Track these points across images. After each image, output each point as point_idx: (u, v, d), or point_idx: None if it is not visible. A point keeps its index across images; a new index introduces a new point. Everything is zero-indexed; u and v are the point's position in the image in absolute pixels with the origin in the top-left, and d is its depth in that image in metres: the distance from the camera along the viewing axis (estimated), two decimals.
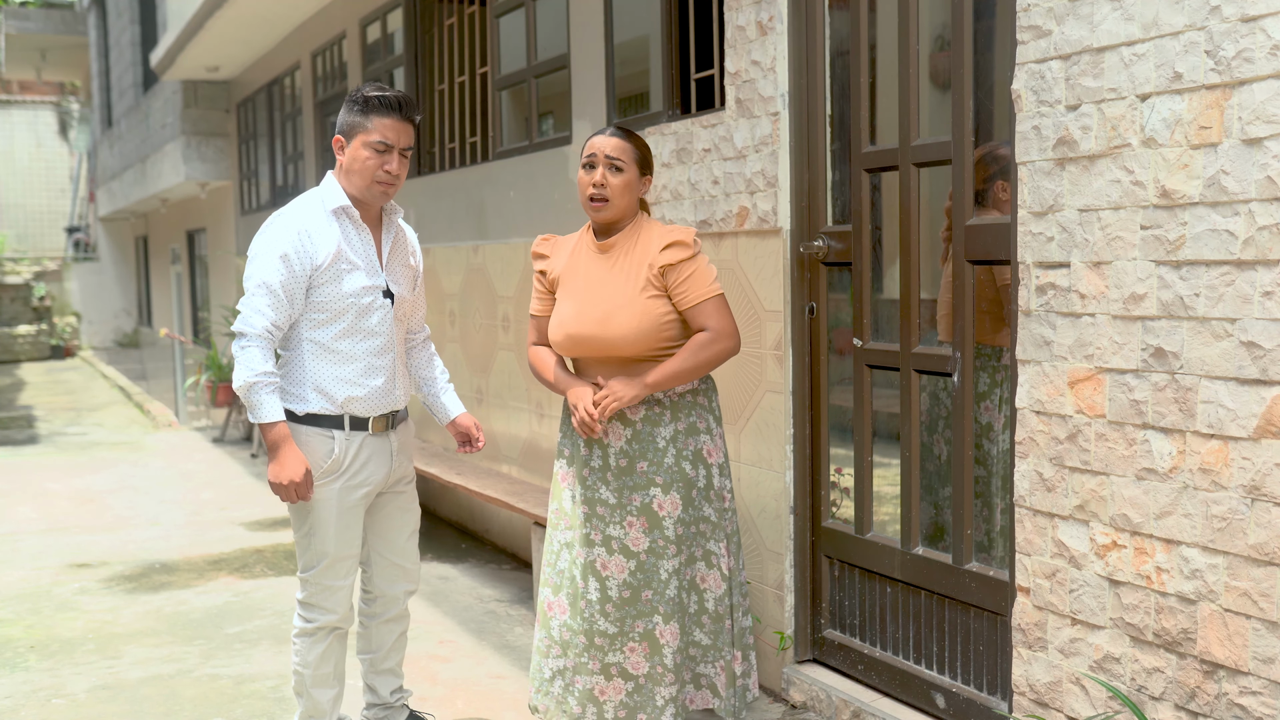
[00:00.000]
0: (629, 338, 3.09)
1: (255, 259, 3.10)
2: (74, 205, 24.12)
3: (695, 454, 3.17)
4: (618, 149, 3.14)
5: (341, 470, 3.16)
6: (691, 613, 3.21)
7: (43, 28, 20.30)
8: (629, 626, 3.14)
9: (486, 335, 5.97)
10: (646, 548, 3.13)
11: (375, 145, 3.09)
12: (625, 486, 3.15)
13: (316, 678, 3.27)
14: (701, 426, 3.19)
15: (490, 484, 5.44)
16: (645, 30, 4.87)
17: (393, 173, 3.13)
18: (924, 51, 3.38)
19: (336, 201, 3.14)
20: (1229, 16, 2.33)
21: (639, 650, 3.15)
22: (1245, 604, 2.39)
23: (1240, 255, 2.35)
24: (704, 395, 3.22)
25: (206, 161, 12.33)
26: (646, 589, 3.14)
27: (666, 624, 3.12)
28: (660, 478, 3.13)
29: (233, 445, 9.91)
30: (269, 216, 3.20)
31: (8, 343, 20.13)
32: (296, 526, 3.23)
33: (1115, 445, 2.63)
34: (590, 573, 3.17)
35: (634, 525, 3.14)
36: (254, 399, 3.04)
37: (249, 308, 3.06)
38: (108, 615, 5.05)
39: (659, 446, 3.14)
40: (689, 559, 3.18)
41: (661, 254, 3.09)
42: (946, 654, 3.32)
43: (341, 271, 3.11)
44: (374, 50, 7.78)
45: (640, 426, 3.15)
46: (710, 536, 3.20)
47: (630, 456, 3.15)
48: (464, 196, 6.24)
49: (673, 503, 3.13)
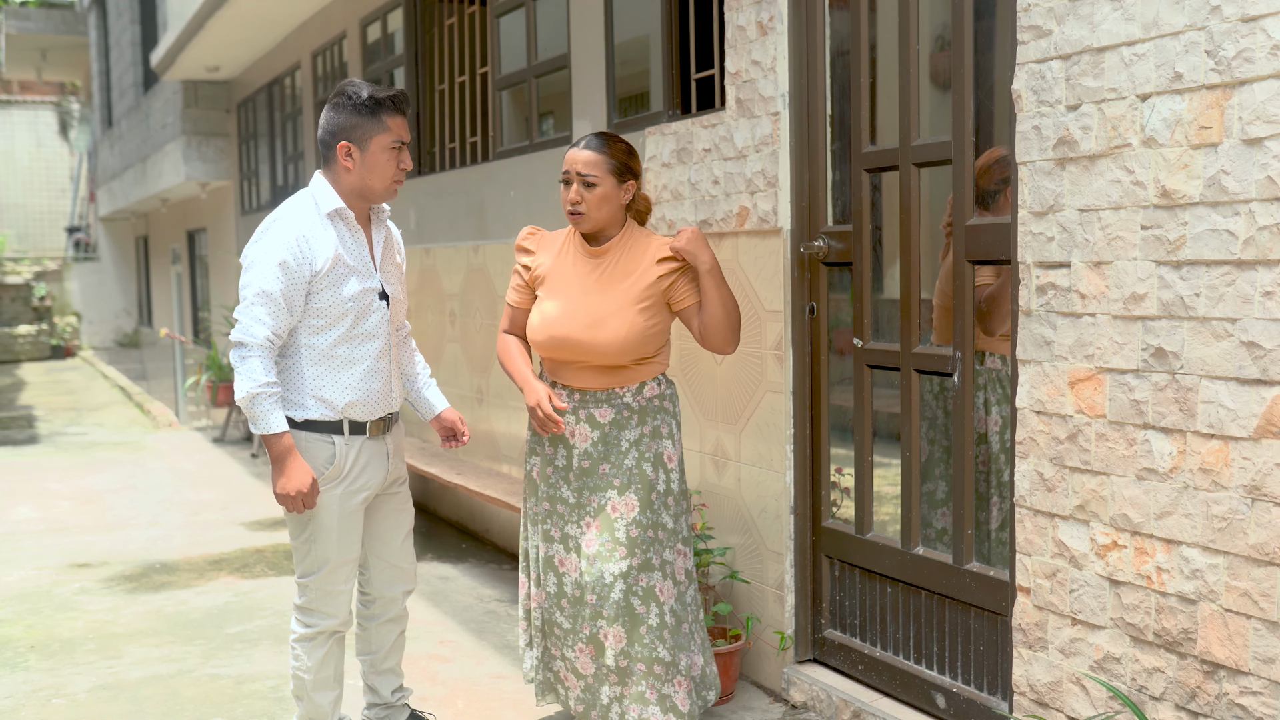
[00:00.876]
0: (615, 345, 3.13)
1: (253, 267, 3.05)
2: (74, 205, 24.11)
3: (656, 457, 3.21)
4: (589, 164, 3.15)
5: (342, 476, 3.15)
6: (653, 625, 3.14)
7: (43, 28, 20.29)
8: (579, 626, 3.19)
9: (487, 335, 5.97)
10: (595, 551, 3.16)
11: (393, 145, 3.11)
12: (585, 488, 3.21)
13: (317, 681, 3.27)
14: (665, 431, 3.24)
15: (490, 484, 5.44)
16: (645, 30, 4.86)
17: (409, 168, 3.17)
18: (924, 51, 3.38)
19: (331, 204, 3.11)
20: (1229, 16, 2.33)
21: (586, 652, 3.20)
22: (1246, 604, 2.39)
23: (1241, 255, 2.35)
24: (669, 400, 3.28)
25: (207, 161, 12.33)
26: (591, 592, 3.15)
27: (610, 626, 3.14)
28: (618, 479, 3.17)
29: (233, 445, 9.91)
30: (263, 221, 3.16)
31: (8, 343, 20.13)
32: (295, 533, 3.21)
33: (1116, 445, 2.63)
34: (549, 567, 3.27)
35: (590, 526, 3.18)
36: (257, 410, 3.01)
37: (248, 317, 3.02)
38: (108, 615, 5.04)
39: (621, 449, 3.20)
40: (645, 564, 3.15)
41: (657, 266, 3.17)
42: (947, 654, 3.32)
43: (340, 276, 3.09)
44: (374, 50, 7.78)
45: (609, 430, 3.21)
46: (666, 544, 3.20)
47: (594, 459, 3.21)
48: (464, 196, 6.24)
49: (628, 504, 3.15)
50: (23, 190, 24.10)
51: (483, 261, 6.00)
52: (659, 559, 3.18)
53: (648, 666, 3.13)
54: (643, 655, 3.13)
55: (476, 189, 6.09)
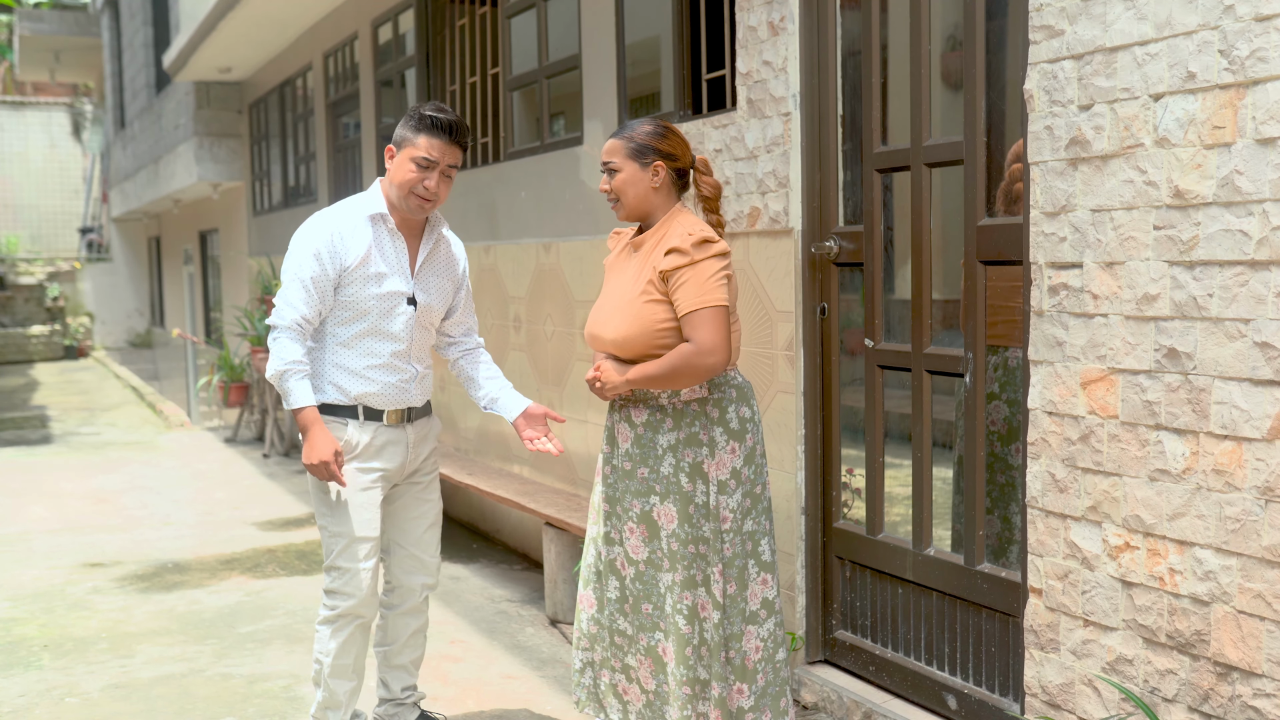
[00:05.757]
0: (618, 341, 3.01)
1: (291, 254, 3.26)
2: (87, 206, 24.20)
3: (694, 467, 2.98)
4: (609, 151, 3.09)
5: (354, 453, 3.28)
6: (695, 645, 3.00)
7: (56, 29, 20.37)
8: (637, 636, 3.11)
9: (498, 336, 5.98)
10: (645, 558, 3.07)
11: (419, 160, 3.21)
12: (628, 491, 3.08)
13: (335, 668, 3.31)
14: (704, 439, 2.99)
15: (502, 484, 5.45)
16: (657, 30, 4.87)
17: (431, 189, 3.23)
18: (936, 51, 3.37)
19: (374, 208, 3.29)
20: (1243, 16, 2.32)
21: (645, 665, 3.10)
22: (1259, 605, 2.38)
23: (1254, 255, 2.34)
24: (714, 405, 3.00)
25: (219, 162, 12.36)
26: (646, 601, 3.07)
27: (669, 641, 3.03)
28: (659, 486, 3.03)
29: (245, 445, 9.94)
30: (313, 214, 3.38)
31: (22, 343, 20.22)
32: (319, 513, 3.34)
33: (1128, 446, 2.62)
34: (611, 571, 3.15)
35: (634, 532, 3.08)
36: (285, 385, 3.20)
37: (282, 300, 3.23)
38: (121, 614, 5.06)
39: (657, 454, 3.03)
40: (688, 581, 2.99)
41: (663, 259, 2.94)
42: (958, 655, 3.31)
43: (369, 275, 3.25)
44: (386, 51, 7.79)
45: (642, 431, 3.06)
46: (710, 561, 2.98)
47: (634, 460, 3.08)
48: (475, 197, 6.25)
49: (668, 515, 3.01)
50: (36, 191, 24.20)
51: (493, 262, 6.01)
52: (702, 575, 3.00)
53: (691, 689, 3.01)
54: (688, 677, 3.01)
55: (487, 189, 6.10)
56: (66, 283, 22.32)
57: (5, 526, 6.93)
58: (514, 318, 5.80)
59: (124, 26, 17.68)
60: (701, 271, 2.90)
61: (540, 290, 5.50)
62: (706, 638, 3.00)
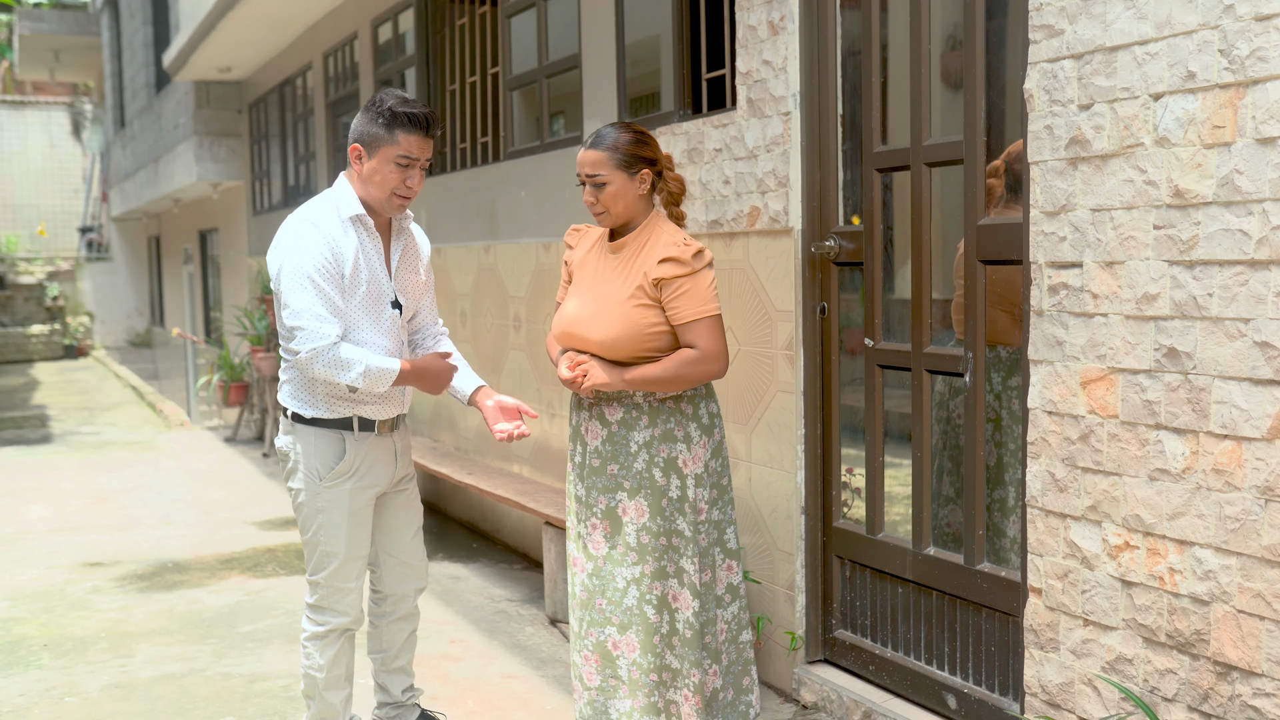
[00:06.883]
0: (607, 343, 3.05)
1: (294, 286, 3.03)
2: (87, 205, 24.20)
3: (668, 461, 3.07)
4: (595, 164, 3.10)
5: (352, 470, 3.19)
6: (664, 634, 3.08)
7: (56, 29, 20.36)
8: (585, 632, 3.13)
9: (498, 335, 5.98)
10: (604, 554, 3.11)
11: (399, 160, 3.07)
12: (594, 488, 3.13)
13: (329, 680, 3.28)
14: (679, 435, 3.09)
15: (501, 484, 5.45)
16: (656, 30, 4.86)
17: (413, 187, 3.13)
18: (936, 51, 3.38)
19: (352, 210, 3.13)
20: (1243, 15, 2.32)
21: (592, 661, 3.12)
22: (1259, 605, 2.38)
23: (1254, 255, 2.34)
24: (688, 402, 3.11)
25: (219, 162, 12.36)
26: (600, 596, 3.10)
27: (622, 635, 3.07)
28: (628, 482, 3.09)
29: (245, 445, 9.94)
30: (286, 223, 3.15)
31: (21, 342, 20.22)
32: (305, 529, 3.24)
33: (1128, 446, 2.62)
34: (572, 566, 3.22)
35: (597, 528, 3.12)
36: (373, 381, 3.05)
37: (308, 324, 3.00)
38: (120, 614, 5.06)
39: (630, 451, 3.09)
40: (659, 572, 3.07)
41: (657, 267, 3.02)
42: (958, 655, 3.31)
43: (358, 282, 3.12)
44: (385, 50, 7.79)
45: (616, 429, 3.11)
46: (683, 552, 3.07)
47: (603, 457, 3.13)
48: (475, 197, 6.25)
49: (638, 509, 3.07)
50: (36, 190, 24.20)
51: (493, 261, 6.01)
52: (674, 566, 3.08)
53: (659, 675, 3.08)
54: (654, 665, 3.07)
55: (487, 189, 6.10)
56: (66, 282, 22.32)
57: (5, 526, 6.94)
58: (514, 318, 5.80)
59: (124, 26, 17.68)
60: (700, 281, 3.03)
61: (540, 290, 5.50)
62: (679, 627, 3.08)
